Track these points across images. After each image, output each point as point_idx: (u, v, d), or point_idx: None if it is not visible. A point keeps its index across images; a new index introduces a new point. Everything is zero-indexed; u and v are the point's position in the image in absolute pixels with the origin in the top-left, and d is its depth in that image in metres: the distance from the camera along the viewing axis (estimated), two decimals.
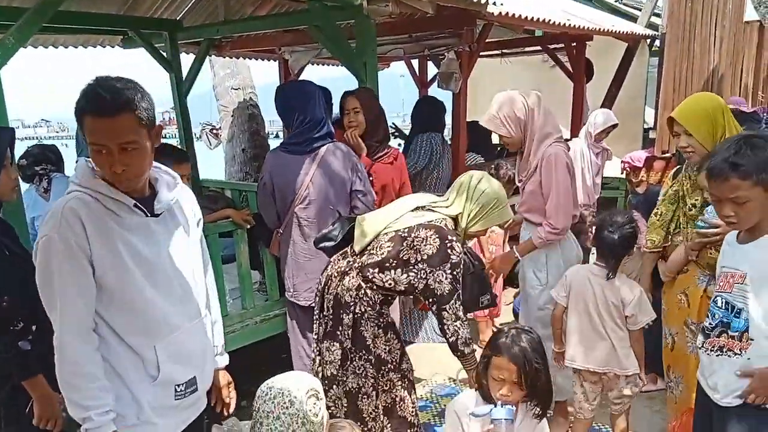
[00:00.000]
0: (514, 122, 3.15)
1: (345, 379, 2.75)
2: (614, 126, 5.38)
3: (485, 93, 8.26)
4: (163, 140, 1.89)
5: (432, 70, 7.58)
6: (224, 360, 2.23)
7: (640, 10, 8.55)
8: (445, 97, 5.30)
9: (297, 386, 1.91)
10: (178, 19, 5.49)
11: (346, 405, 2.78)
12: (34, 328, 2.13)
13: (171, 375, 1.83)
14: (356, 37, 3.98)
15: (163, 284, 1.81)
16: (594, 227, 2.88)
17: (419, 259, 2.58)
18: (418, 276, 2.58)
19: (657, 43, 7.88)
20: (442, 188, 4.36)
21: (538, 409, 2.26)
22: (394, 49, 5.90)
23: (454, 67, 4.95)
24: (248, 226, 3.55)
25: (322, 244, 2.97)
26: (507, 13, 4.40)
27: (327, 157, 3.29)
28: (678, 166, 3.04)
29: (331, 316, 2.75)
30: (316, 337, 2.90)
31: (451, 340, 2.63)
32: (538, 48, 6.90)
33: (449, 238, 2.58)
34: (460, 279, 2.64)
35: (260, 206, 3.51)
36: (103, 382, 1.68)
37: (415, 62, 7.64)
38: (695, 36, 6.38)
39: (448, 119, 5.35)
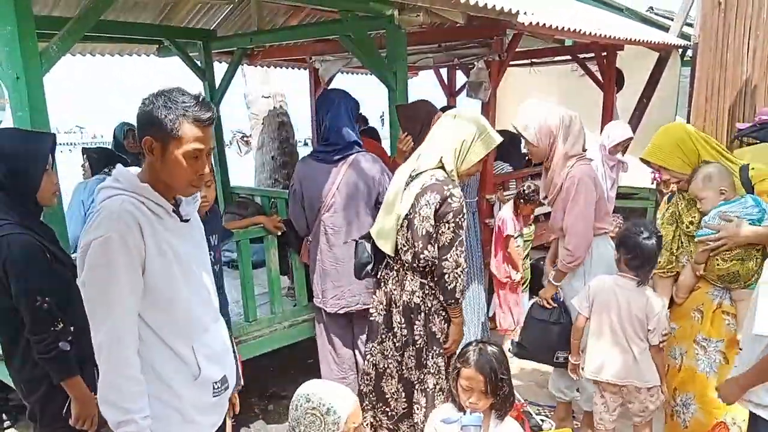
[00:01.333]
0: (544, 134, 3.09)
1: (424, 379, 2.82)
2: (630, 139, 5.26)
3: (514, 102, 8.26)
4: None
5: (460, 79, 7.60)
6: None
7: (672, 19, 8.45)
8: (473, 106, 5.31)
9: (335, 395, 1.97)
10: (212, 28, 5.61)
11: (425, 406, 2.83)
12: (72, 328, 2.19)
13: (209, 373, 1.88)
14: (387, 46, 4.02)
15: (195, 285, 1.87)
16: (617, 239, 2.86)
17: (432, 223, 2.66)
18: (444, 237, 2.68)
19: (689, 52, 7.78)
20: (470, 195, 4.35)
21: (501, 412, 2.38)
22: (423, 58, 5.93)
23: (483, 77, 4.96)
24: (279, 233, 3.61)
25: (363, 273, 3.00)
26: (537, 22, 4.40)
27: (354, 166, 3.33)
28: (671, 192, 3.02)
29: (403, 325, 2.84)
30: (381, 350, 2.96)
31: (450, 287, 2.69)
32: (568, 57, 6.87)
33: (444, 188, 2.66)
34: (463, 224, 2.71)
35: (291, 213, 3.57)
36: (143, 387, 1.71)
37: (443, 71, 7.66)
38: (728, 45, 6.30)
39: None
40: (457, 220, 2.66)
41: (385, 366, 2.94)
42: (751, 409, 2.18)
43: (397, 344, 2.90)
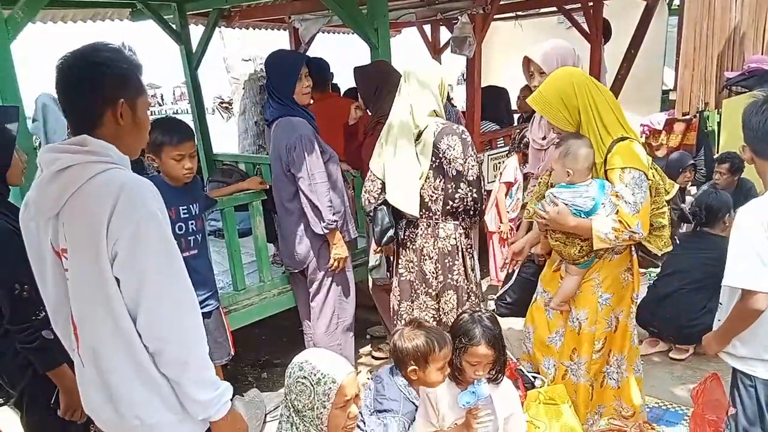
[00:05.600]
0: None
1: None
2: None
3: (498, 57, 8.14)
4: (176, 115, 1.85)
5: (444, 36, 7.44)
6: None
7: None
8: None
9: (328, 365, 1.92)
10: None
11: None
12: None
13: None
14: (368, 2, 3.89)
15: None
16: None
17: (461, 162, 2.84)
18: (471, 172, 2.87)
19: (676, 1, 7.66)
20: None
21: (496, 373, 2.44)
22: (406, 14, 5.76)
23: (467, 31, 4.84)
24: (265, 188, 3.51)
25: (386, 239, 3.00)
26: None
27: (275, 131, 3.26)
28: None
29: (439, 272, 2.98)
30: (417, 305, 3.06)
31: (479, 207, 2.98)
32: (554, 9, 6.73)
33: (454, 129, 2.87)
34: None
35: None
36: None
37: (427, 28, 7.49)
38: None
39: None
40: (474, 153, 2.89)
41: (436, 308, 3.05)
42: (729, 361, 2.21)
43: (432, 293, 3.02)
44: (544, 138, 3.16)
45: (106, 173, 1.49)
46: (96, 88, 1.50)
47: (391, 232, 2.99)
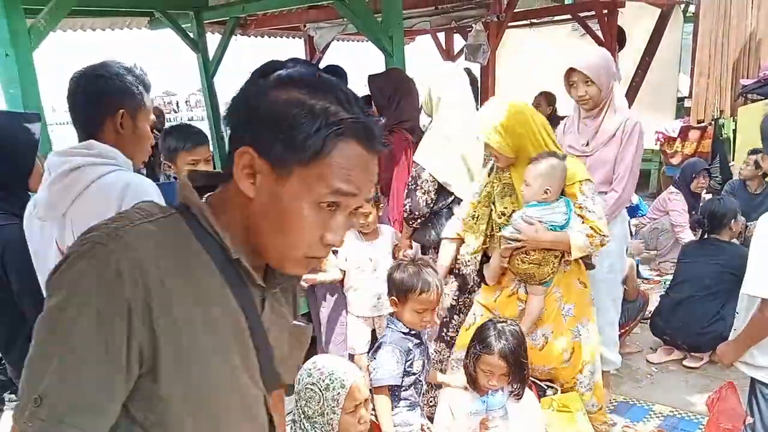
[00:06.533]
0: (609, 76, 2.93)
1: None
2: None
3: (512, 64, 8.15)
4: (191, 122, 1.91)
5: (458, 43, 7.48)
6: None
7: None
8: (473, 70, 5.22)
9: (337, 371, 1.92)
10: None
11: None
12: None
13: None
14: (382, 10, 3.93)
15: None
16: None
17: None
18: None
19: (692, 8, 7.63)
20: None
21: (518, 390, 2.38)
22: (420, 22, 5.82)
23: (481, 39, 4.87)
24: None
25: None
26: None
27: None
28: (491, 163, 2.78)
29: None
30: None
31: None
32: (568, 16, 6.74)
33: None
34: None
35: None
36: None
37: (440, 36, 7.53)
38: (731, 0, 6.18)
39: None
40: None
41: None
42: (746, 371, 2.19)
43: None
44: (587, 144, 3.07)
45: (113, 174, 1.58)
46: (96, 97, 1.62)
47: None
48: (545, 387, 3.37)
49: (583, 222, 2.52)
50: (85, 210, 1.55)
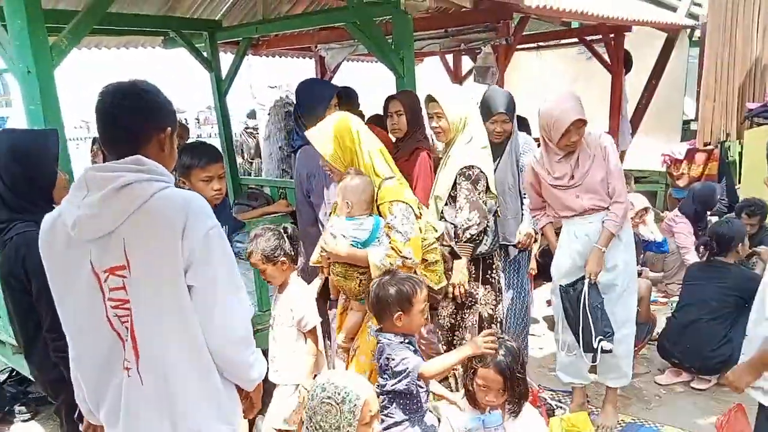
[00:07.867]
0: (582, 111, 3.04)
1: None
2: None
3: (520, 86, 8.22)
4: (202, 139, 1.93)
5: (466, 64, 7.56)
6: None
7: None
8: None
9: (350, 384, 1.97)
10: (217, 18, 5.60)
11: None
12: None
13: None
14: (393, 32, 4.00)
15: None
16: None
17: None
18: None
19: (697, 33, 7.71)
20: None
21: (515, 407, 2.39)
22: (430, 44, 5.90)
23: (490, 61, 4.94)
24: (292, 211, 3.58)
25: None
26: (544, 5, 4.36)
27: (299, 158, 3.36)
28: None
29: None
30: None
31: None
32: (576, 40, 6.83)
33: None
34: None
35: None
36: None
37: (449, 57, 7.62)
38: (737, 24, 6.24)
39: None
40: None
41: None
42: (756, 397, 2.18)
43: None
44: (572, 177, 3.10)
45: (167, 190, 1.56)
46: (148, 113, 1.60)
47: None
48: (555, 406, 3.38)
49: (390, 242, 2.61)
50: (144, 226, 1.52)
